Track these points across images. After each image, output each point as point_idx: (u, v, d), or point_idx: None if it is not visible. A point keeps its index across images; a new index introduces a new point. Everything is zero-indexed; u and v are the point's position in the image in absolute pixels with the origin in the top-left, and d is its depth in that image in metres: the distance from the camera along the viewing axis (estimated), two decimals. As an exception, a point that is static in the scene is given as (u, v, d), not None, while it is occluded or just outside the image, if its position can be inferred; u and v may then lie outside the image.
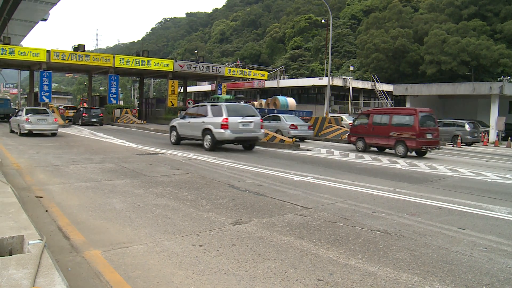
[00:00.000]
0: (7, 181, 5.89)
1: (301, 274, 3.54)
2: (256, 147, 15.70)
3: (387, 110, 16.76)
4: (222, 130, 13.07)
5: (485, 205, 6.50)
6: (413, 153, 14.75)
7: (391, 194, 7.14)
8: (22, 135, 17.76)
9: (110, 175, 8.24)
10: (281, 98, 32.90)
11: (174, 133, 15.53)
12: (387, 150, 15.59)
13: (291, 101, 33.18)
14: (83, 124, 28.24)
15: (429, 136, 14.36)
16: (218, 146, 13.87)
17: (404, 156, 14.20)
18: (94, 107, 31.41)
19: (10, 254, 3.20)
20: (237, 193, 6.82)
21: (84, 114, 28.67)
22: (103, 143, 15.74)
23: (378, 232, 4.83)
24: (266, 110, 27.47)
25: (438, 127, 15.44)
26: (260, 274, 3.53)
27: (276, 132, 18.51)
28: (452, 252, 4.24)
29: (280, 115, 21.06)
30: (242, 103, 20.54)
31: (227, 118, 13.09)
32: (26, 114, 17.80)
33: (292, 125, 19.29)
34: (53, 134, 18.57)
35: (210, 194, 6.71)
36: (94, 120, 28.03)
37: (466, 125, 22.54)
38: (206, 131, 13.58)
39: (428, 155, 14.99)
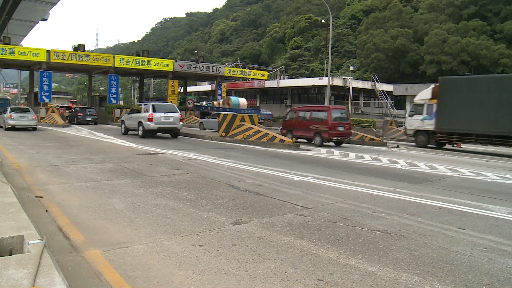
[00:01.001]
0: (7, 181, 5.89)
1: (301, 274, 3.54)
2: (256, 147, 15.74)
3: (308, 108, 19.31)
4: (148, 122, 17.94)
5: (485, 205, 6.50)
6: (331, 143, 17.88)
7: (391, 194, 7.14)
8: (7, 129, 21.01)
9: (110, 175, 8.24)
10: (233, 98, 37.69)
11: (123, 125, 20.48)
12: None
13: (242, 101, 38.59)
14: (78, 123, 29.24)
15: (340, 129, 17.07)
16: (147, 134, 18.50)
17: (321, 145, 17.14)
18: (89, 107, 32.50)
19: (10, 254, 3.20)
20: (237, 193, 6.82)
21: (79, 114, 29.89)
22: (103, 143, 15.74)
23: (378, 232, 4.83)
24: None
25: (350, 121, 18.30)
26: (260, 274, 3.53)
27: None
28: (452, 252, 4.24)
29: (221, 112, 25.12)
30: (204, 103, 29.37)
31: (152, 114, 17.97)
32: (10, 112, 21.39)
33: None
34: (34, 129, 21.70)
35: (210, 194, 6.71)
36: (89, 119, 29.44)
37: None
38: (140, 123, 18.51)
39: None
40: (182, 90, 45.25)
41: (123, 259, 3.78)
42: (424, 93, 20.60)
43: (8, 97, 55.78)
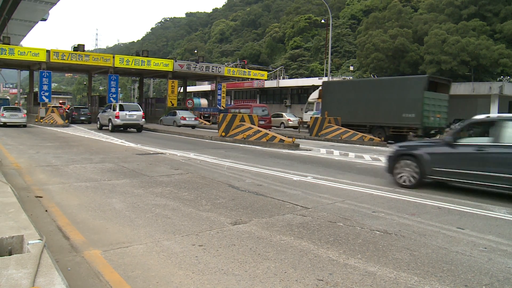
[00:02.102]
0: (6, 181, 5.89)
1: (301, 274, 3.54)
2: (256, 147, 15.75)
3: (237, 106, 23.81)
4: (115, 119, 21.90)
5: (484, 205, 6.51)
6: None
7: (390, 194, 7.15)
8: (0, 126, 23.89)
9: (110, 175, 8.24)
10: (195, 99, 44.21)
11: (98, 122, 24.71)
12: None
13: (203, 101, 46.26)
14: (73, 122, 31.13)
15: (261, 122, 21.15)
16: (115, 129, 22.28)
17: None
18: (83, 107, 35.47)
19: (10, 254, 3.20)
20: (237, 193, 6.82)
21: (74, 113, 32.39)
22: (102, 143, 15.74)
23: (378, 232, 4.84)
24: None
25: (270, 116, 22.99)
26: (260, 274, 3.53)
27: (173, 123, 28.27)
28: (451, 252, 4.24)
29: (176, 111, 29.53)
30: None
31: (119, 112, 21.89)
32: (2, 111, 24.64)
33: (182, 117, 28.05)
34: (24, 126, 24.72)
35: (210, 194, 6.71)
36: (83, 118, 31.78)
37: None
38: (109, 119, 22.51)
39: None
40: (182, 90, 45.24)
41: (123, 259, 3.78)
42: (314, 94, 26.32)
43: (8, 97, 55.81)
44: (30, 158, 10.49)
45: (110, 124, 22.28)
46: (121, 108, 22.21)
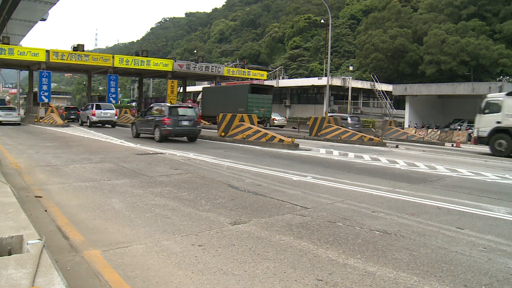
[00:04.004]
0: (6, 181, 5.89)
1: (300, 274, 3.54)
2: (255, 147, 15.76)
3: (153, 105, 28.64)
4: (93, 117, 25.74)
5: (484, 205, 6.51)
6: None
7: (390, 194, 7.15)
8: None
9: (109, 175, 8.24)
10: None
11: (79, 119, 29.25)
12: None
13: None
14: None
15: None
16: (93, 125, 26.03)
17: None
18: (73, 107, 37.59)
19: (10, 254, 3.20)
20: (236, 193, 6.82)
21: (65, 112, 33.69)
22: (102, 142, 15.73)
23: (377, 232, 4.84)
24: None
25: (199, 113, 25.62)
26: (259, 274, 3.53)
27: (86, 119, 28.52)
28: (451, 252, 4.25)
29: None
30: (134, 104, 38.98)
31: (95, 111, 25.79)
32: None
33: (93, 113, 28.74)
34: (18, 124, 27.19)
35: (209, 194, 6.70)
36: (73, 117, 33.44)
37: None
38: (87, 117, 26.39)
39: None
40: (181, 90, 45.24)
41: (122, 259, 3.78)
42: (200, 96, 36.82)
43: (8, 97, 55.79)
44: (29, 158, 10.48)
45: (88, 121, 26.31)
46: (98, 107, 26.24)
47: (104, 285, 3.25)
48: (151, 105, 18.70)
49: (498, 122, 16.94)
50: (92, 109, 26.07)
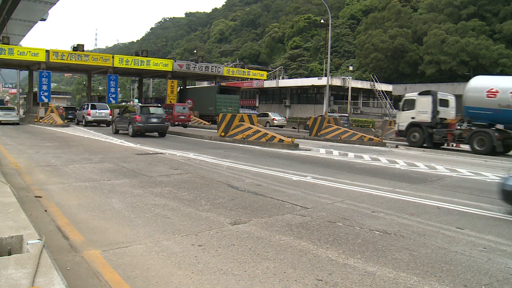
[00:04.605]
0: (6, 181, 5.89)
1: (300, 274, 3.54)
2: (255, 147, 15.76)
3: (169, 105, 30.04)
4: (88, 116, 27.12)
5: (484, 205, 6.51)
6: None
7: (390, 194, 7.15)
8: None
9: (109, 175, 8.24)
10: (136, 100, 50.96)
11: (76, 118, 30.46)
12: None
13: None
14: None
15: (182, 117, 28.34)
16: (88, 124, 27.37)
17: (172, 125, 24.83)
18: (71, 107, 38.07)
19: (9, 254, 3.20)
20: (236, 193, 6.81)
21: (63, 112, 34.53)
22: (102, 142, 15.73)
23: (377, 232, 4.84)
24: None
25: (189, 113, 29.61)
26: (259, 274, 3.53)
27: (82, 118, 29.88)
28: (451, 252, 4.25)
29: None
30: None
31: (90, 110, 27.30)
32: None
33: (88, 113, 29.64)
34: (17, 124, 28.15)
35: (209, 194, 6.70)
36: (71, 117, 33.48)
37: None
38: (83, 116, 27.82)
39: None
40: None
41: (122, 259, 3.78)
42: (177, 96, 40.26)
43: (7, 97, 55.84)
44: (29, 158, 10.48)
45: (84, 120, 27.67)
46: (93, 107, 27.65)
47: (104, 285, 3.25)
48: (126, 104, 21.61)
49: (413, 118, 19.80)
50: (88, 109, 27.56)
